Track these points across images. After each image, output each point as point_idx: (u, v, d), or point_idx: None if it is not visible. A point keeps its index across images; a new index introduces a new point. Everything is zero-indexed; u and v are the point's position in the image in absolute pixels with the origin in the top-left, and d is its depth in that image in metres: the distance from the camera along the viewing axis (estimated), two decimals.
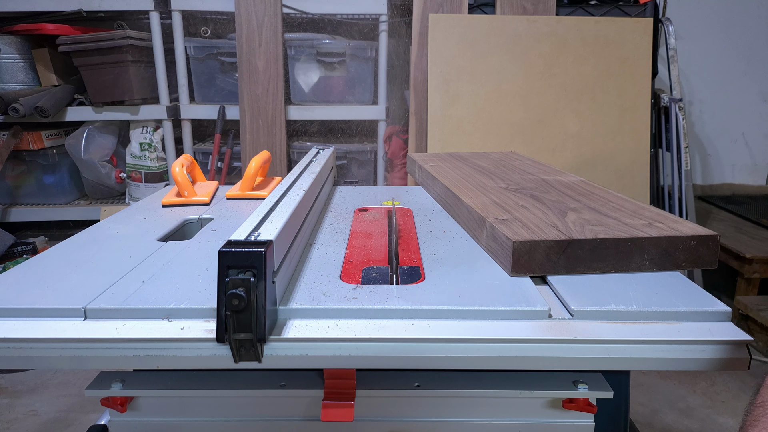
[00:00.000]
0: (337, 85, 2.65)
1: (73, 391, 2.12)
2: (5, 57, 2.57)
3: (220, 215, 1.11)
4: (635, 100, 2.44)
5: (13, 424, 1.93)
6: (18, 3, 2.49)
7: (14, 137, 2.56)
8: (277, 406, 0.77)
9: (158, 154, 2.71)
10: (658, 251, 0.78)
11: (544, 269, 0.76)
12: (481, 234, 0.88)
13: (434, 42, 2.42)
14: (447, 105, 2.44)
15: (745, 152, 3.47)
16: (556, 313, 0.68)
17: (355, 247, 0.90)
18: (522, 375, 0.77)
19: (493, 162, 1.37)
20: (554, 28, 2.40)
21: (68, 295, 0.69)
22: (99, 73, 2.49)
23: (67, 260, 0.83)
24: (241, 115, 2.57)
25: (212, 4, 2.49)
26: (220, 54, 2.57)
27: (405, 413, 0.77)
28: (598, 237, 0.76)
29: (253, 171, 1.24)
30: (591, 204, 0.95)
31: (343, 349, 0.63)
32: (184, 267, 0.79)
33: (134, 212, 1.12)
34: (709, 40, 3.25)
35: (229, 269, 0.59)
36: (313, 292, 0.71)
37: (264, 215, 0.76)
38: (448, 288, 0.72)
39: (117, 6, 2.50)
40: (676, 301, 0.69)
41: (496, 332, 0.64)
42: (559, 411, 0.76)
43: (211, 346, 0.62)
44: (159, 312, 0.66)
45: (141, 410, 0.77)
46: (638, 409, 2.05)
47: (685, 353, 0.63)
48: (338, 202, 1.22)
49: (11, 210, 2.70)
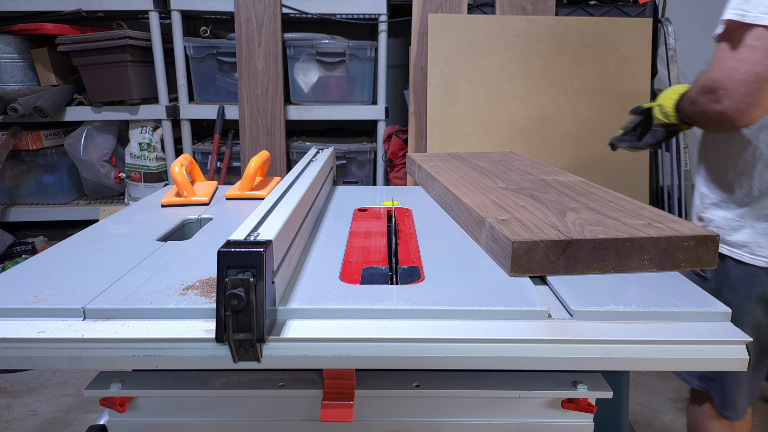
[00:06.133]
0: (337, 85, 2.65)
1: (72, 391, 2.12)
2: (4, 57, 2.57)
3: (219, 215, 1.11)
4: (635, 101, 2.43)
5: (13, 423, 1.92)
6: (17, 3, 2.48)
7: (13, 137, 2.56)
8: (277, 406, 0.77)
9: (157, 154, 2.71)
10: (657, 251, 0.78)
11: (544, 269, 0.76)
12: (481, 234, 0.88)
13: (434, 42, 2.42)
14: (446, 105, 2.44)
15: None
16: (556, 313, 0.68)
17: (354, 247, 0.90)
18: (521, 375, 0.77)
19: (492, 162, 1.37)
20: (554, 28, 2.40)
21: (67, 295, 0.69)
22: (98, 73, 2.48)
23: (66, 260, 0.83)
24: (241, 115, 2.57)
25: (212, 4, 2.49)
26: (219, 54, 2.57)
27: (404, 413, 0.77)
28: (597, 237, 0.76)
29: (252, 171, 1.23)
30: (590, 204, 0.95)
31: (343, 349, 0.63)
32: (183, 267, 0.79)
33: (133, 212, 1.12)
34: (709, 40, 3.24)
35: (229, 269, 0.59)
36: (312, 292, 0.71)
37: (263, 215, 0.75)
38: (447, 288, 0.72)
39: (116, 6, 2.50)
40: (675, 301, 0.69)
41: (496, 332, 0.64)
42: (558, 411, 0.76)
43: (211, 346, 0.61)
44: (158, 312, 0.66)
45: (140, 410, 0.77)
46: (638, 409, 2.05)
47: (684, 353, 0.63)
48: (338, 202, 1.22)
49: (10, 210, 2.70)
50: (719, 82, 0.99)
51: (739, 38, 0.97)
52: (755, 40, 0.94)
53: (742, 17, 0.95)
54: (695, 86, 1.08)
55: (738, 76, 0.96)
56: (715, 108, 1.01)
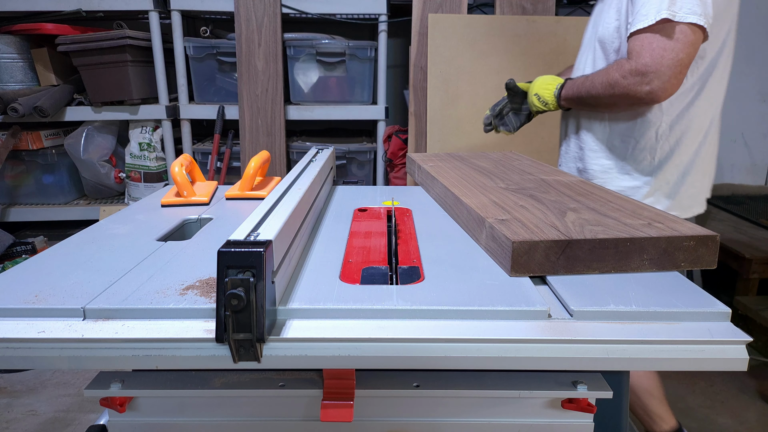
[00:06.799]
0: (337, 85, 2.65)
1: (72, 391, 2.12)
2: (4, 57, 2.57)
3: (219, 215, 1.11)
4: None
5: (12, 424, 1.92)
6: (17, 3, 2.48)
7: (13, 137, 2.56)
8: (277, 406, 0.77)
9: (157, 154, 2.71)
10: (657, 251, 0.78)
11: (544, 269, 0.76)
12: (481, 234, 0.88)
13: (434, 42, 2.42)
14: (446, 105, 2.44)
15: (745, 152, 3.47)
16: (556, 313, 0.68)
17: (354, 247, 0.90)
18: (521, 375, 0.77)
19: (492, 162, 1.37)
20: (554, 28, 2.40)
21: (67, 295, 0.69)
22: (98, 73, 2.48)
23: (66, 260, 0.83)
24: (241, 115, 2.57)
25: (212, 4, 2.49)
26: (219, 54, 2.57)
27: (404, 413, 0.77)
28: (597, 237, 0.76)
29: (252, 171, 1.23)
30: (590, 204, 0.95)
31: (343, 349, 0.63)
32: (183, 267, 0.79)
33: (133, 212, 1.12)
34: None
35: (229, 269, 0.59)
36: (312, 292, 0.71)
37: (263, 215, 0.75)
38: (447, 288, 0.72)
39: (116, 6, 2.50)
40: (675, 301, 0.69)
41: (496, 332, 0.64)
42: (558, 411, 0.76)
43: (211, 346, 0.61)
44: (158, 312, 0.66)
45: (140, 410, 0.77)
46: None
47: (684, 353, 0.63)
48: (338, 202, 1.22)
49: (10, 210, 2.70)
50: (650, 67, 1.20)
51: (667, 32, 1.20)
52: (680, 34, 1.19)
53: (673, 16, 1.18)
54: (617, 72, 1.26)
55: (666, 62, 1.19)
56: (644, 89, 1.22)
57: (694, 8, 1.18)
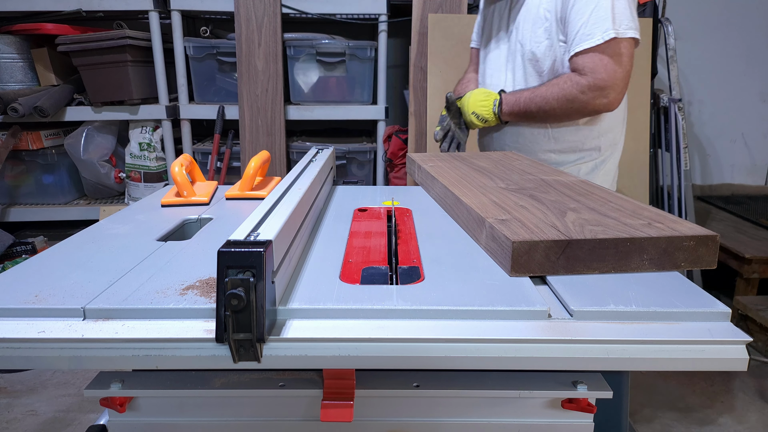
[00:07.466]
0: (337, 85, 2.65)
1: (72, 391, 2.12)
2: (4, 57, 2.57)
3: (219, 215, 1.11)
4: (634, 100, 2.44)
5: (12, 423, 1.93)
6: (17, 3, 2.48)
7: (13, 137, 2.56)
8: (277, 406, 0.77)
9: (157, 154, 2.71)
10: (657, 251, 0.78)
11: (544, 269, 0.76)
12: (481, 234, 0.88)
13: (434, 42, 2.42)
14: None
15: (745, 152, 3.47)
16: (556, 313, 0.68)
17: (354, 247, 0.90)
18: (521, 375, 0.77)
19: (492, 162, 1.37)
20: None
21: (67, 295, 0.69)
22: (98, 73, 2.48)
23: (66, 260, 0.83)
24: (241, 115, 2.57)
25: (212, 4, 2.49)
26: (219, 54, 2.57)
27: (404, 413, 0.77)
28: (597, 237, 0.76)
29: (252, 171, 1.23)
30: (590, 204, 0.95)
31: (343, 349, 0.63)
32: (183, 267, 0.79)
33: (133, 212, 1.12)
34: (709, 40, 3.25)
35: (229, 269, 0.59)
36: (312, 292, 0.71)
37: (263, 215, 0.75)
38: (447, 288, 0.72)
39: (116, 6, 2.50)
40: (675, 301, 0.69)
41: (496, 332, 0.64)
42: (558, 411, 0.76)
43: (211, 346, 0.61)
44: (158, 312, 0.66)
45: (140, 410, 0.77)
46: (638, 409, 2.05)
47: (684, 353, 0.63)
48: (338, 202, 1.22)
49: (10, 210, 2.70)
50: (607, 81, 1.33)
51: (614, 49, 1.32)
52: (624, 49, 1.33)
53: (618, 34, 1.31)
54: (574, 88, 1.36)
55: (619, 75, 1.33)
56: (602, 101, 1.36)
57: (630, 23, 1.32)
